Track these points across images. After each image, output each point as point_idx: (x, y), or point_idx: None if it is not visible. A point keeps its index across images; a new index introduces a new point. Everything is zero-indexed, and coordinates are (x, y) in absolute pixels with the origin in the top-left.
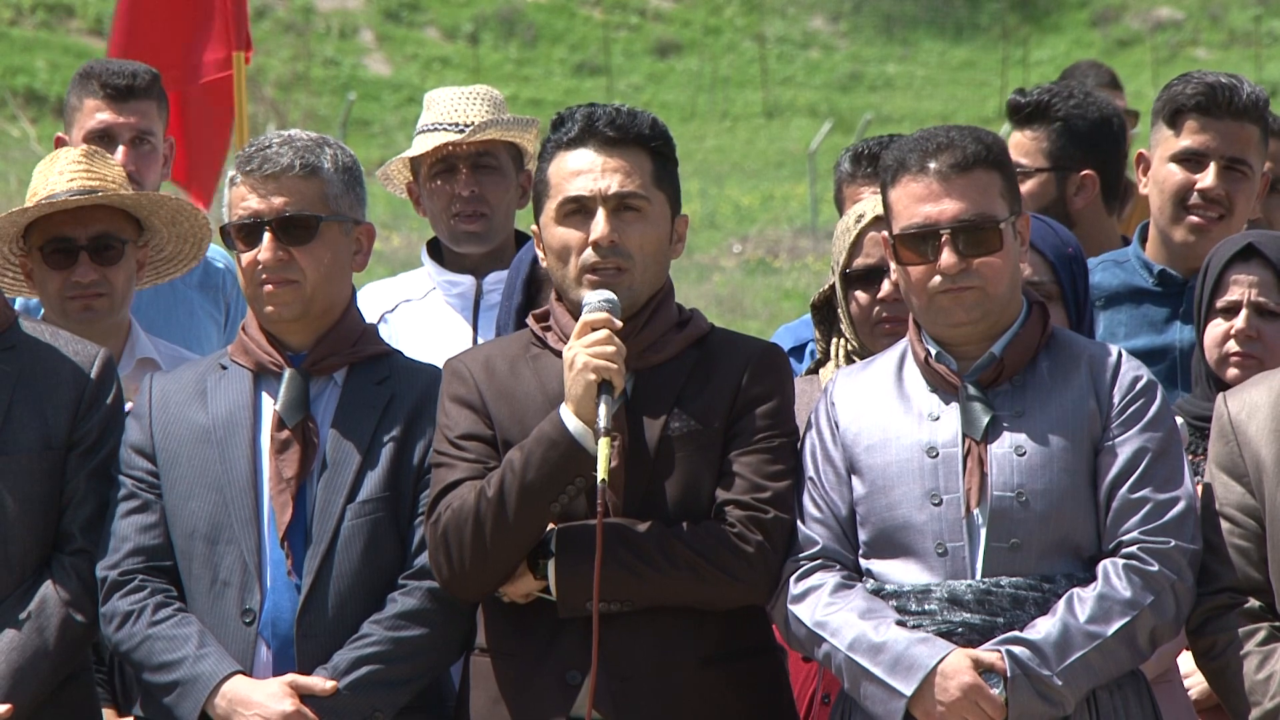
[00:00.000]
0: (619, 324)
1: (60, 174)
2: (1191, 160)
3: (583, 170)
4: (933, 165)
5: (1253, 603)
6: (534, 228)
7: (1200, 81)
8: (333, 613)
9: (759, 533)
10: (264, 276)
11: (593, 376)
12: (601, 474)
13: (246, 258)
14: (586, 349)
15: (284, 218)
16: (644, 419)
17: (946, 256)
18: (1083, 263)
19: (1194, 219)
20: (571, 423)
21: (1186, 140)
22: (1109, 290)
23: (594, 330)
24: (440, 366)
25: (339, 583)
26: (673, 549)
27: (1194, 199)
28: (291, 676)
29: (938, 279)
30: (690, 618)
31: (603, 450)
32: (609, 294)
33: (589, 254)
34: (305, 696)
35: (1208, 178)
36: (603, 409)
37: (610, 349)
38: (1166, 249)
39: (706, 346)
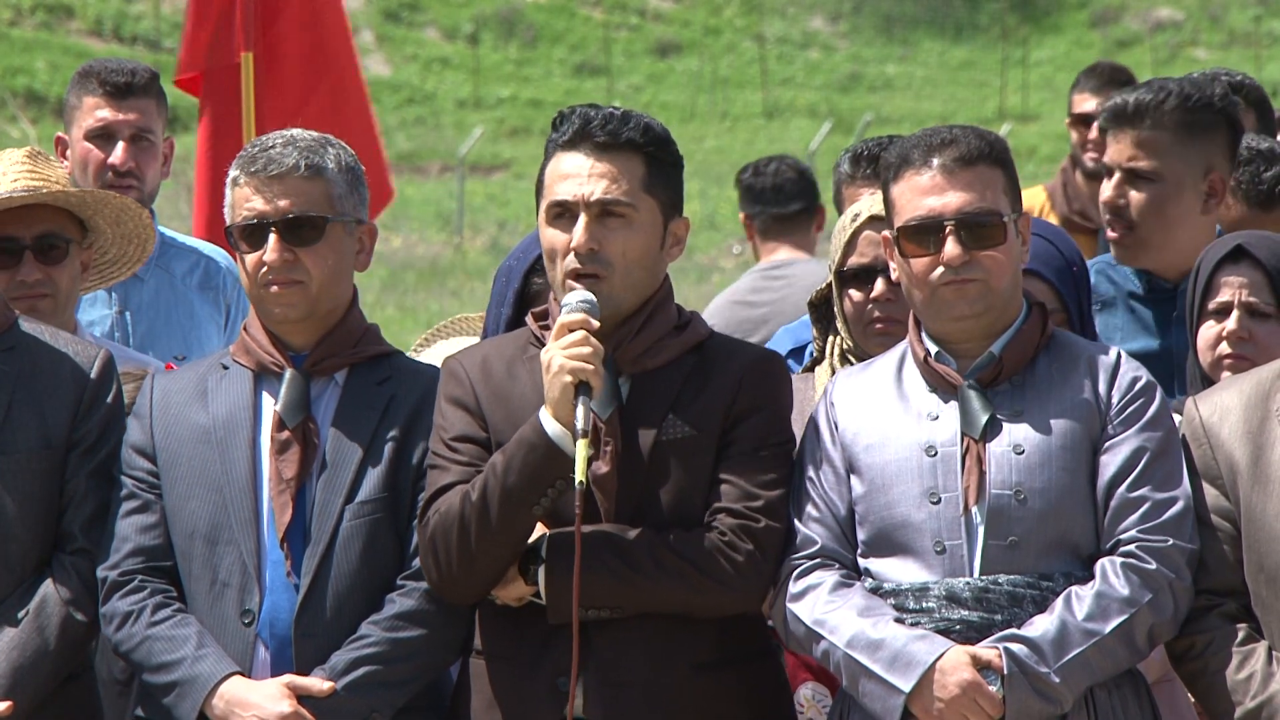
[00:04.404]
0: (596, 324)
1: (4, 175)
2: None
3: (571, 174)
4: (937, 160)
5: (1229, 605)
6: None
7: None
8: (330, 613)
9: (750, 541)
10: (270, 278)
11: (569, 379)
12: (579, 476)
13: (251, 259)
14: (563, 351)
15: (290, 219)
16: (638, 424)
17: (951, 248)
18: (1086, 276)
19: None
20: (550, 425)
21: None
22: (1104, 295)
23: (571, 331)
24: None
25: (337, 583)
26: (662, 556)
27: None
28: (289, 677)
29: (940, 270)
30: (683, 624)
31: (580, 452)
32: (587, 294)
33: (570, 259)
34: (303, 697)
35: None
36: (580, 410)
37: (586, 350)
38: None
39: (704, 352)
